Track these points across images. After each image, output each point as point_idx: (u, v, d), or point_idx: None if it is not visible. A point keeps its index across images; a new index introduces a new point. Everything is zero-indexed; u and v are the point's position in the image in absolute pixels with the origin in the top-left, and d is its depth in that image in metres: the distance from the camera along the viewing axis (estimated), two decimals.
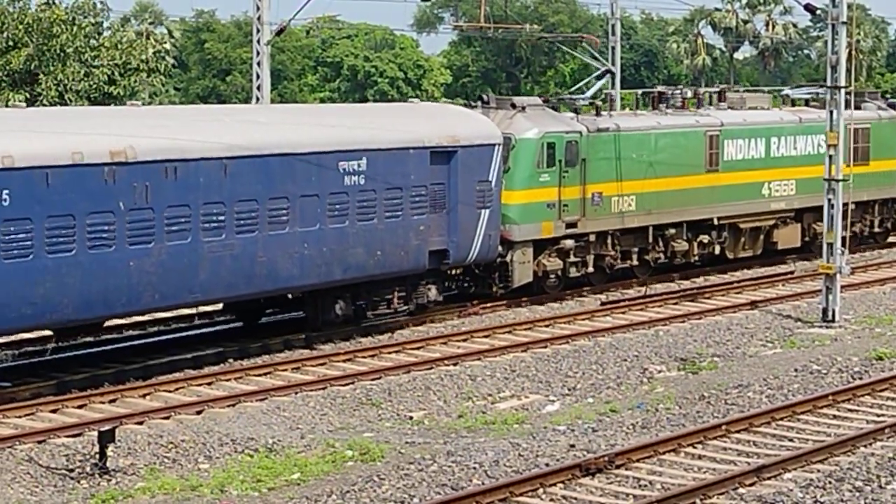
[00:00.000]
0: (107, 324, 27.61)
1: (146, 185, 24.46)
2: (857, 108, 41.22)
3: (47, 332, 26.97)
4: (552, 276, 34.16)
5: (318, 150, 27.64)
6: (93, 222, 23.69)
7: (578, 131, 34.26)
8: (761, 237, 39.73)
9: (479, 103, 34.92)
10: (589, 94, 38.09)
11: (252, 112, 32.01)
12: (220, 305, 30.16)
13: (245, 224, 26.23)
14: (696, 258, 38.16)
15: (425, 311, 31.31)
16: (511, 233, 32.62)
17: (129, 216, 24.21)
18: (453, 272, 32.64)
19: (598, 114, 35.95)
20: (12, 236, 22.65)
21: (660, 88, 41.13)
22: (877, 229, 44.36)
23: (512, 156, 32.79)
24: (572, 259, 34.42)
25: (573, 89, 39.15)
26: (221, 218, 25.78)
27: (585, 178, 34.20)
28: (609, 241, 35.44)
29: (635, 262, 36.58)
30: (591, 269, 35.13)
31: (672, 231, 37.19)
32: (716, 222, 38.31)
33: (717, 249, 38.64)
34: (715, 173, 38.08)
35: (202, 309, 29.79)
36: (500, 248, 32.10)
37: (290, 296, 29.69)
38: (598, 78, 39.59)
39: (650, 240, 36.69)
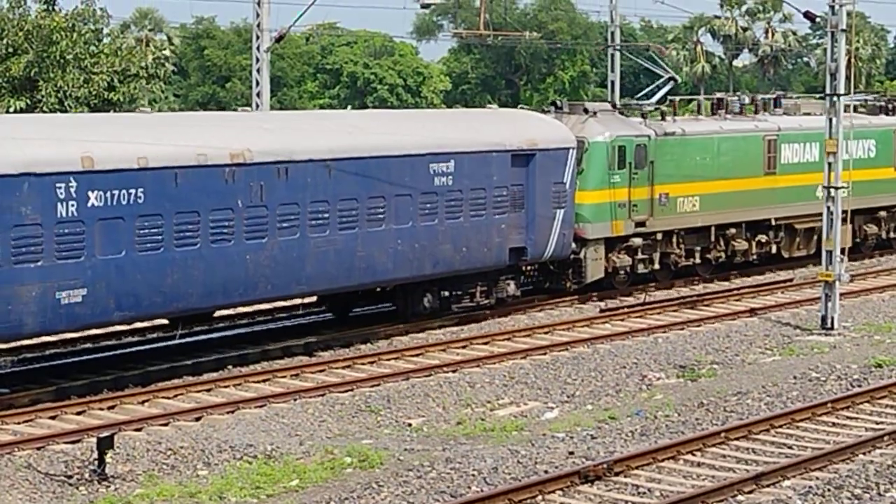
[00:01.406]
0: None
1: (261, 185, 26.41)
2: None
3: (47, 339, 27.08)
4: (621, 272, 35.85)
5: (412, 153, 29.54)
6: (214, 218, 25.64)
7: (647, 135, 36.09)
8: (815, 237, 40.78)
9: (552, 108, 36.48)
10: (654, 99, 39.40)
11: (352, 117, 34.45)
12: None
13: (346, 221, 28.10)
14: (755, 257, 39.83)
15: (504, 305, 32.99)
16: (585, 231, 34.43)
17: (245, 213, 26.17)
18: (528, 268, 34.49)
19: (663, 118, 37.73)
20: (146, 231, 24.54)
21: (719, 95, 42.82)
22: None
23: (585, 158, 34.57)
24: (640, 256, 36.20)
25: (639, 95, 41.09)
26: (326, 215, 27.68)
27: (653, 180, 36.01)
28: (674, 239, 37.23)
29: (698, 261, 38.20)
30: (657, 267, 36.87)
31: (732, 231, 38.85)
32: (773, 222, 39.99)
33: (774, 249, 40.32)
34: (772, 176, 39.69)
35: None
36: (573, 245, 33.81)
37: (378, 289, 31.41)
38: (663, 85, 40.74)
39: (712, 239, 38.34)
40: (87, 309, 23.76)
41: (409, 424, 23.68)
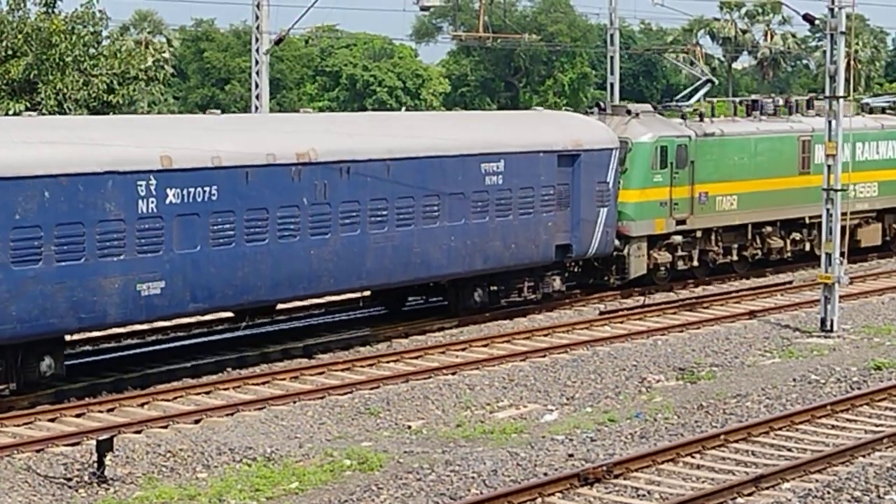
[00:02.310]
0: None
1: (325, 183, 27.68)
2: None
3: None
4: (661, 268, 36.96)
5: (464, 153, 30.82)
6: (282, 215, 26.89)
7: (688, 136, 37.24)
8: (846, 236, 41.12)
9: (595, 110, 37.74)
10: (692, 100, 40.46)
11: (409, 119, 36.23)
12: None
13: (403, 218, 29.41)
14: (789, 254, 40.92)
15: (551, 300, 34.19)
16: (628, 228, 35.63)
17: (310, 210, 27.43)
18: (573, 265, 35.56)
19: (701, 119, 38.67)
20: (219, 226, 25.76)
21: (754, 97, 44.30)
22: None
23: (629, 158, 35.78)
24: (679, 253, 37.43)
25: (679, 97, 42.14)
26: (384, 213, 28.99)
27: (694, 179, 37.20)
28: (713, 237, 38.41)
29: (735, 258, 39.17)
30: (695, 263, 38.01)
31: (768, 229, 39.89)
32: (807, 221, 40.76)
33: (808, 246, 41.09)
34: (807, 175, 40.34)
35: (200, 318, 29.83)
36: (616, 242, 35.01)
37: (430, 284, 32.30)
38: (700, 87, 41.69)
39: (749, 237, 39.48)
40: (164, 301, 25.03)
41: (409, 427, 23.68)
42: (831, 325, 31.59)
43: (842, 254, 31.83)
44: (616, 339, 30.76)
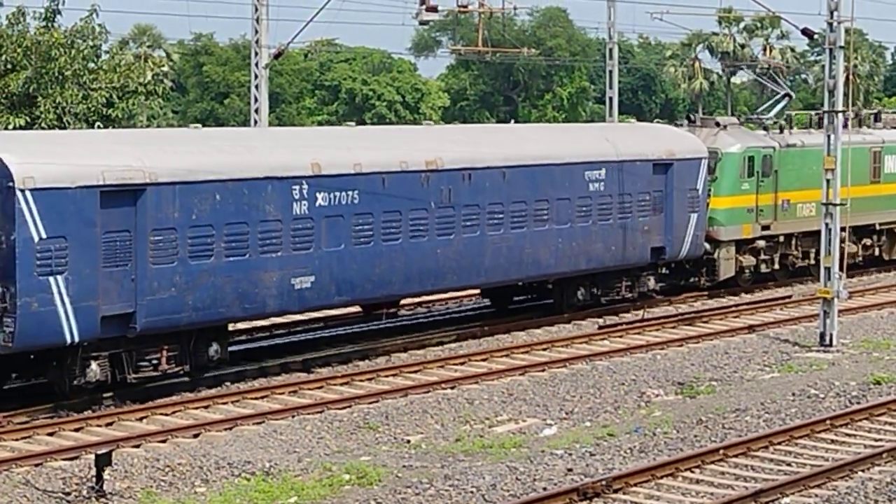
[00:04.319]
0: None
1: (449, 189, 30.32)
2: None
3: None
4: (746, 271, 39.49)
5: (571, 162, 33.49)
6: (413, 217, 29.54)
7: (772, 146, 39.94)
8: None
9: (685, 122, 40.65)
10: (772, 113, 42.63)
11: (521, 130, 38.70)
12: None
13: (517, 221, 32.00)
14: (860, 259, 43.44)
15: (646, 299, 36.63)
16: (718, 233, 38.26)
17: (437, 213, 30.07)
18: (664, 267, 37.58)
19: (781, 131, 41.11)
20: (360, 227, 28.38)
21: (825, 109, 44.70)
22: None
23: (719, 167, 38.42)
24: (762, 257, 39.89)
25: (759, 109, 44.90)
26: (501, 216, 31.57)
27: (777, 187, 39.71)
28: (793, 241, 40.92)
29: (812, 262, 40.76)
30: (776, 266, 40.34)
31: (842, 234, 40.66)
32: (877, 227, 43.93)
33: (878, 251, 44.21)
34: (877, 184, 43.69)
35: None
36: (707, 246, 37.57)
37: (534, 283, 34.74)
38: (779, 101, 43.67)
39: None
40: (314, 293, 27.68)
41: (408, 441, 23.66)
42: (830, 340, 31.57)
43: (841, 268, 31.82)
44: (615, 354, 30.75)
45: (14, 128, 35.69)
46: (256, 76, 37.62)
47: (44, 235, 23.42)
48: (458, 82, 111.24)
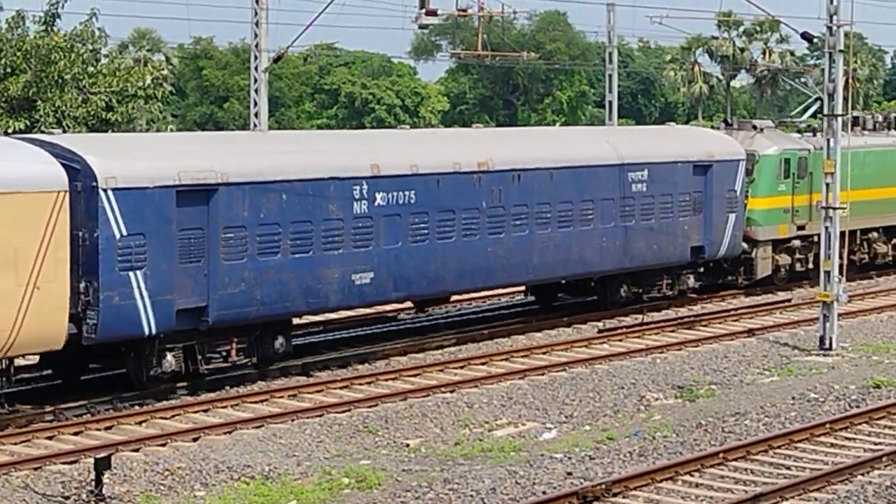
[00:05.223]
0: None
1: (500, 189, 31.34)
2: None
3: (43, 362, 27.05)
4: (782, 270, 40.42)
5: (614, 163, 34.34)
6: (465, 216, 30.57)
7: (808, 149, 40.68)
8: None
9: (723, 125, 41.63)
10: (805, 116, 43.89)
11: (567, 133, 40.43)
12: None
13: (564, 220, 32.96)
14: (890, 258, 44.59)
15: (685, 297, 37.66)
16: (756, 233, 39.20)
17: (488, 212, 31.11)
18: (703, 266, 38.37)
19: (814, 134, 41.36)
20: (416, 225, 29.45)
21: (855, 113, 46.69)
22: None
23: (756, 169, 39.34)
24: (797, 256, 40.83)
25: (793, 113, 46.15)
26: (548, 215, 32.55)
27: (812, 188, 39.97)
28: None
29: (844, 262, 40.28)
30: (811, 266, 40.66)
31: (874, 235, 43.22)
32: None
33: None
34: None
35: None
36: (744, 245, 38.51)
37: (576, 281, 35.63)
38: (812, 104, 44.94)
39: (858, 242, 42.69)
40: (373, 289, 28.81)
41: (407, 445, 23.64)
42: (830, 344, 31.56)
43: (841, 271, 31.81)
44: (615, 357, 30.73)
45: (13, 131, 35.69)
46: (256, 80, 37.63)
47: (124, 233, 24.47)
48: (457, 86, 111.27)
